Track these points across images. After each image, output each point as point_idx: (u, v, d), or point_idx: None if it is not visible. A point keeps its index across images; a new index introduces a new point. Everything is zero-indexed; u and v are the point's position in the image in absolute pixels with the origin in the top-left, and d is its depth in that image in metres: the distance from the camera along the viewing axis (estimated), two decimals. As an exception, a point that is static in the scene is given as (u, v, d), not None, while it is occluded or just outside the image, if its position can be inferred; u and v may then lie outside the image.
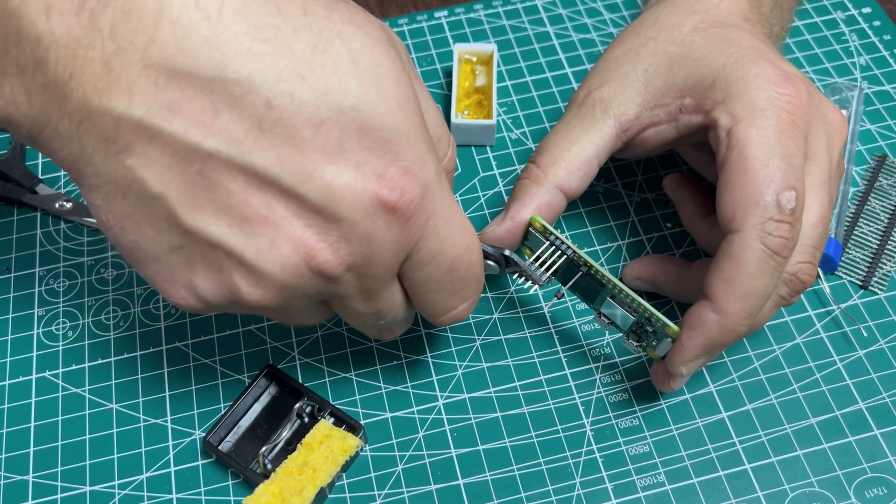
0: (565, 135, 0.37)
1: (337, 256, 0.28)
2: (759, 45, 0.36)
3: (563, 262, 0.36)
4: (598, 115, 0.37)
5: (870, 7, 0.53)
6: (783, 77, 0.34)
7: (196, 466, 0.37)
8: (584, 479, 0.36)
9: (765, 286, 0.33)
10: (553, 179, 0.37)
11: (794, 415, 0.38)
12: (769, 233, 0.32)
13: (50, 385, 0.40)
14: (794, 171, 0.33)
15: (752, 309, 0.33)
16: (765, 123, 0.33)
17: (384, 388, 0.39)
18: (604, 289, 0.36)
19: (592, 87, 0.38)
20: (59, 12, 0.24)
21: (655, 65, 0.37)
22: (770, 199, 0.32)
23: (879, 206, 0.44)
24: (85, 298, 0.42)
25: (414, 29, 0.53)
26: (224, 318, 0.41)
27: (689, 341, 0.33)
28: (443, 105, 0.49)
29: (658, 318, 0.34)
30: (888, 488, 0.36)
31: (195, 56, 0.25)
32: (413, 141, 0.28)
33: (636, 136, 0.38)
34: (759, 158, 0.33)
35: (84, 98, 0.25)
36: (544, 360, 0.40)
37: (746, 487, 0.36)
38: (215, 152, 0.25)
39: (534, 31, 0.53)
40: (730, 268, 0.33)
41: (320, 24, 0.27)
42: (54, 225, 0.45)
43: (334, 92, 0.26)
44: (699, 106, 0.35)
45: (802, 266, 0.34)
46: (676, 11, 0.38)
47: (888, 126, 0.47)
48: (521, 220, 0.36)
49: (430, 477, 0.37)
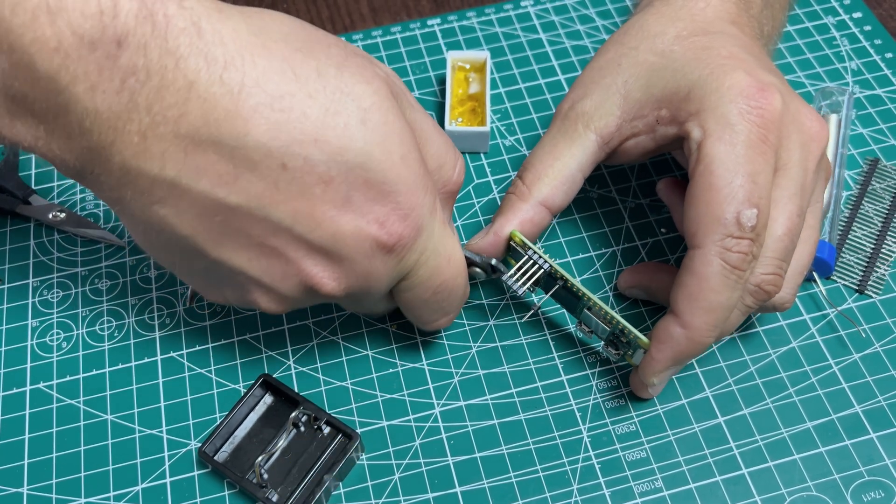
0: (549, 150, 0.38)
1: (340, 286, 0.32)
2: (739, 54, 0.36)
3: (541, 274, 0.37)
4: (581, 129, 0.38)
5: (860, 12, 0.53)
6: (757, 88, 0.34)
7: (192, 477, 0.37)
8: (581, 486, 0.36)
9: (727, 299, 0.33)
10: (537, 196, 0.38)
11: (790, 419, 0.38)
12: (728, 248, 0.33)
13: (44, 396, 0.40)
14: (759, 189, 0.33)
15: (716, 322, 0.34)
16: (734, 139, 0.34)
17: (380, 396, 0.39)
18: (580, 301, 0.37)
19: (575, 100, 0.39)
20: (103, 91, 0.27)
21: (635, 76, 0.37)
22: (730, 216, 0.33)
23: (873, 209, 0.44)
24: (79, 309, 0.42)
25: (407, 37, 0.53)
26: (219, 328, 0.41)
27: (657, 354, 0.35)
28: (437, 113, 0.49)
29: (630, 330, 0.36)
30: (885, 491, 0.36)
31: (219, 127, 0.28)
32: (412, 188, 0.31)
33: (618, 147, 0.38)
34: (724, 176, 0.33)
35: (123, 161, 0.28)
36: (540, 367, 0.40)
37: (744, 492, 0.36)
38: (236, 206, 0.29)
39: (526, 38, 0.53)
40: (692, 283, 0.33)
41: (333, 86, 0.30)
42: (48, 235, 0.45)
43: (344, 152, 0.29)
44: (674, 117, 0.36)
45: (766, 277, 0.35)
46: (661, 18, 0.39)
47: (880, 130, 0.47)
48: (503, 235, 0.38)
49: (427, 485, 0.36)
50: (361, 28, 0.54)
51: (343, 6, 0.56)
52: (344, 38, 0.53)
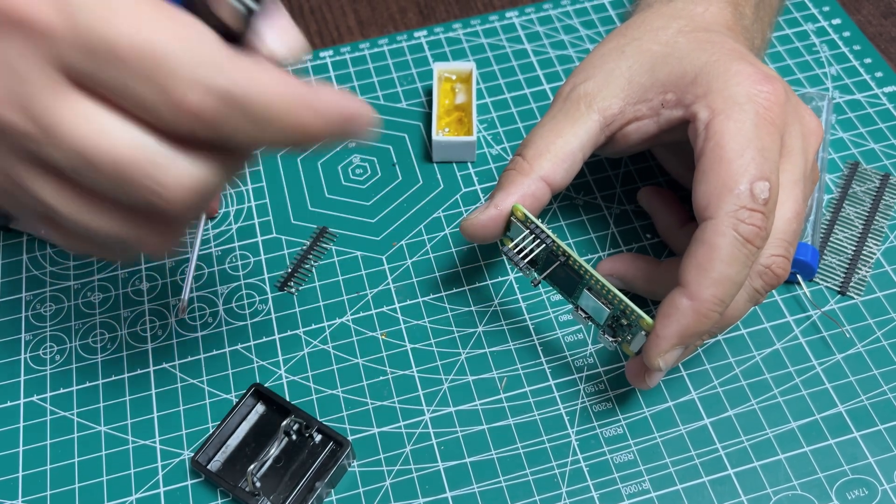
0: (551, 128, 0.38)
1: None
2: (740, 48, 0.37)
3: (541, 251, 0.36)
4: (583, 109, 0.38)
5: (839, 18, 0.54)
6: (762, 76, 0.35)
7: (185, 487, 0.37)
8: (570, 489, 0.37)
9: (737, 273, 0.33)
10: (539, 171, 0.37)
11: (775, 419, 0.38)
12: (742, 220, 0.33)
13: (38, 409, 0.40)
14: (769, 164, 0.33)
15: (724, 295, 0.33)
16: (742, 117, 0.34)
17: (371, 403, 0.39)
18: (581, 280, 0.36)
19: (578, 82, 0.39)
20: None
21: (640, 62, 0.38)
22: (744, 187, 0.33)
23: (854, 212, 0.45)
24: (72, 322, 0.43)
25: (394, 49, 0.54)
26: (210, 338, 0.42)
27: (663, 330, 0.34)
28: (424, 123, 0.50)
29: (633, 310, 0.35)
30: (869, 489, 0.36)
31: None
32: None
33: (619, 130, 0.38)
34: (735, 149, 0.33)
35: None
36: (529, 372, 0.40)
37: (730, 492, 0.36)
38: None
39: (512, 48, 0.53)
40: (702, 253, 0.33)
41: None
42: (40, 249, 0.45)
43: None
44: (680, 100, 0.36)
45: (776, 259, 0.35)
46: (662, 16, 0.40)
47: (860, 134, 0.48)
48: (505, 209, 0.37)
49: (419, 491, 0.37)
50: (349, 41, 0.55)
51: (331, 20, 0.57)
52: (332, 51, 0.54)
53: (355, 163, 0.48)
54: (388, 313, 0.42)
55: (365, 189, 0.47)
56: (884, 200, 0.45)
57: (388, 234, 0.45)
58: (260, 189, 0.48)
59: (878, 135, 0.48)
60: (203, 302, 0.43)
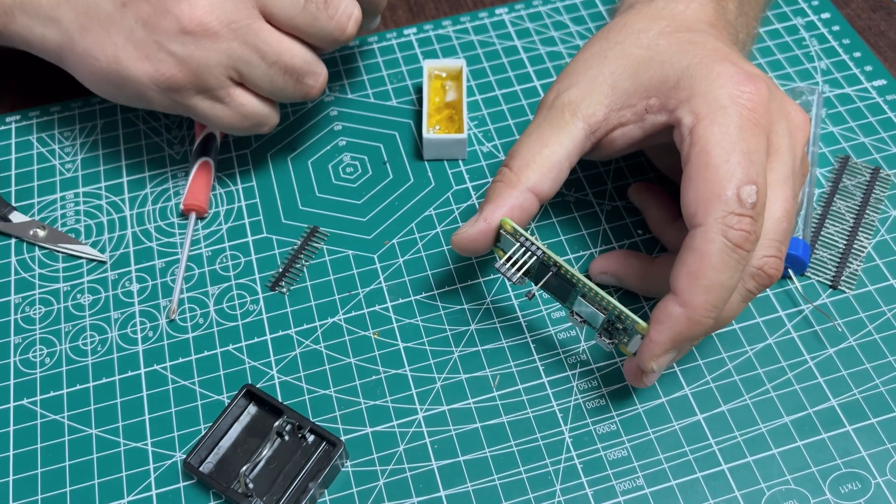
0: (537, 137, 0.38)
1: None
2: (723, 48, 0.37)
3: (533, 262, 0.36)
4: (568, 117, 0.38)
5: (829, 12, 0.54)
6: (745, 76, 0.35)
7: (177, 489, 0.37)
8: (564, 486, 0.37)
9: (728, 279, 0.33)
10: (526, 182, 0.37)
11: (768, 414, 0.38)
12: (731, 226, 0.33)
13: (28, 413, 0.40)
14: (755, 167, 0.33)
15: (716, 301, 0.33)
16: (726, 121, 0.34)
17: (364, 403, 0.39)
18: (574, 288, 0.36)
19: (561, 90, 0.39)
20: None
21: (622, 67, 0.38)
22: (731, 193, 0.33)
23: (844, 206, 0.45)
24: (61, 325, 0.42)
25: (384, 46, 0.54)
26: (201, 339, 0.42)
27: (656, 336, 0.34)
28: (414, 121, 0.50)
29: (627, 315, 0.35)
30: (861, 483, 0.36)
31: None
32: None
33: (604, 136, 0.38)
34: (720, 154, 0.33)
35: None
36: (522, 370, 0.40)
37: (724, 488, 0.36)
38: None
39: (502, 45, 0.53)
40: (693, 261, 0.33)
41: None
42: (29, 252, 0.45)
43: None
44: (664, 105, 0.36)
45: (768, 260, 0.35)
46: (644, 18, 0.39)
47: (850, 128, 0.48)
48: (494, 222, 0.37)
49: (412, 490, 0.37)
50: (338, 39, 0.55)
51: (320, 17, 0.56)
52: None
53: (346, 161, 0.48)
54: (380, 312, 0.42)
55: (356, 188, 0.47)
56: (874, 194, 0.45)
57: (380, 232, 0.45)
58: (250, 188, 0.47)
59: (868, 129, 0.48)
60: (194, 303, 0.43)
